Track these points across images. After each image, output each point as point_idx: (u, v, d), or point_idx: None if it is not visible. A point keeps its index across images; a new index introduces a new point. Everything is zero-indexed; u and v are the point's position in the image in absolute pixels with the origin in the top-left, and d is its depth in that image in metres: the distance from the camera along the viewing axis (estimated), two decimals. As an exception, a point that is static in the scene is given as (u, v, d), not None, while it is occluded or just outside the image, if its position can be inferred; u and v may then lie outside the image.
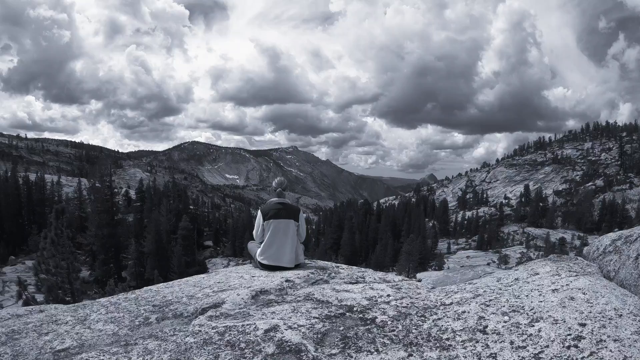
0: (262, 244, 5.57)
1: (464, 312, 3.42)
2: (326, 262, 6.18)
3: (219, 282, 4.73)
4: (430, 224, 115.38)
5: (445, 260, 72.75)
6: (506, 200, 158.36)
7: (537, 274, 4.11)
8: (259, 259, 5.55)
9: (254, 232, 5.81)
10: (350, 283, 4.66)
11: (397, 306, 3.73)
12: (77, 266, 13.95)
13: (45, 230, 14.54)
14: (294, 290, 4.33)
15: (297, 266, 5.61)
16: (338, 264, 5.97)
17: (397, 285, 4.53)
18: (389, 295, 4.03)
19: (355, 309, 3.68)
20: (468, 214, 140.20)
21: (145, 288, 4.68)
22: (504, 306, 3.41)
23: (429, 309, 3.63)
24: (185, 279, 5.22)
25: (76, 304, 4.13)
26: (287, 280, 4.66)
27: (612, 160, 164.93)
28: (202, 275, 5.37)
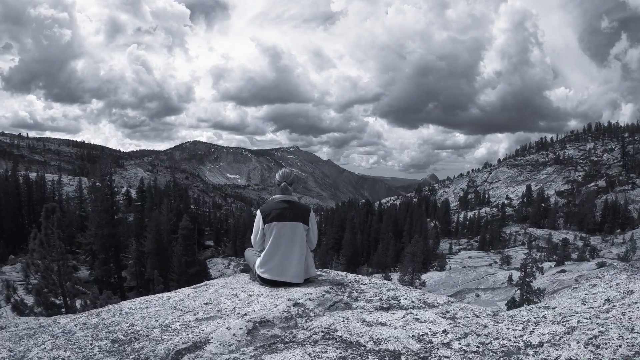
0: (263, 252, 4.43)
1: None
2: (341, 273, 5.05)
3: (206, 304, 3.70)
4: (432, 224, 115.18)
5: (447, 261, 72.37)
6: (508, 201, 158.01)
7: (632, 292, 3.16)
8: (258, 272, 4.41)
9: (252, 237, 4.59)
10: (382, 309, 3.52)
11: (465, 351, 2.53)
12: (69, 268, 13.60)
13: (35, 230, 14.23)
14: (306, 321, 3.14)
15: (306, 281, 4.49)
16: (358, 277, 4.81)
17: (448, 312, 3.36)
18: (445, 332, 2.83)
19: (404, 358, 2.49)
20: (470, 214, 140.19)
21: (114, 308, 3.72)
22: (620, 346, 2.30)
23: (512, 354, 2.45)
24: (167, 294, 4.23)
25: (35, 323, 3.42)
26: (295, 304, 3.56)
27: (614, 161, 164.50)
28: (187, 291, 4.29)
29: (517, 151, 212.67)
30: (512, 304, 30.69)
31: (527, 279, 29.16)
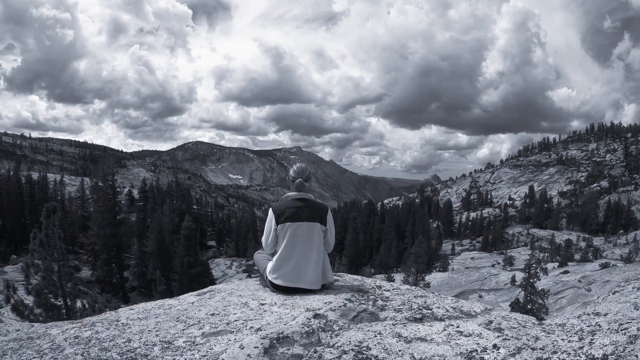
0: (275, 256, 4.04)
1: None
2: (357, 277, 4.70)
3: (212, 314, 3.24)
4: (435, 225, 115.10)
5: (450, 262, 72.26)
6: (510, 202, 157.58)
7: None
8: (270, 278, 4.03)
9: (263, 239, 4.16)
10: (416, 320, 3.09)
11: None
12: (70, 269, 13.46)
13: (35, 230, 14.10)
14: (331, 336, 2.69)
15: (323, 287, 4.12)
16: (378, 282, 4.43)
17: (491, 322, 2.97)
18: (496, 348, 2.44)
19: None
20: (472, 215, 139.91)
21: (109, 318, 3.27)
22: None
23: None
24: (169, 302, 3.82)
25: (25, 333, 2.96)
26: (316, 315, 3.12)
27: (617, 162, 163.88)
28: (191, 299, 3.91)
29: (520, 152, 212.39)
30: (516, 305, 30.58)
31: (531, 280, 29.03)
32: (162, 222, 48.66)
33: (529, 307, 29.90)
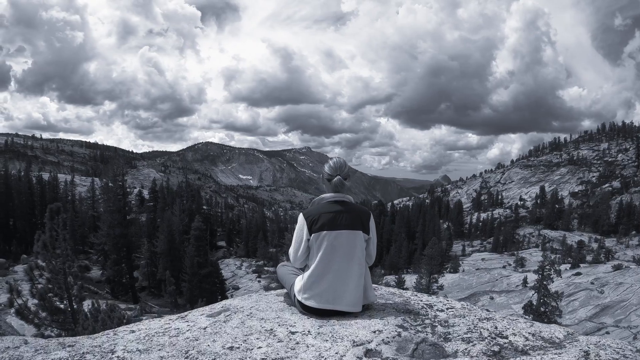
0: (307, 272, 3.30)
1: None
2: (394, 291, 4.18)
3: (231, 348, 2.56)
4: (445, 226, 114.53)
5: (460, 263, 71.84)
6: (521, 202, 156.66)
7: None
8: (300, 298, 3.28)
9: (292, 251, 3.38)
10: (494, 355, 2.50)
11: None
12: (75, 271, 13.31)
13: (39, 232, 13.95)
14: None
15: (364, 308, 3.36)
16: (425, 298, 3.84)
17: (589, 354, 2.39)
18: None
19: None
20: (483, 215, 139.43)
21: (105, 344, 2.63)
22: None
23: None
24: (176, 326, 3.04)
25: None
26: (367, 352, 2.48)
27: (629, 161, 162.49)
28: (203, 322, 3.14)
29: (531, 152, 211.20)
30: (529, 308, 30.29)
31: (545, 282, 28.71)
32: (172, 223, 48.70)
33: (542, 309, 29.64)
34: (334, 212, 3.22)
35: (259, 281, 57.07)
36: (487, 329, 2.92)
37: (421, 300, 3.70)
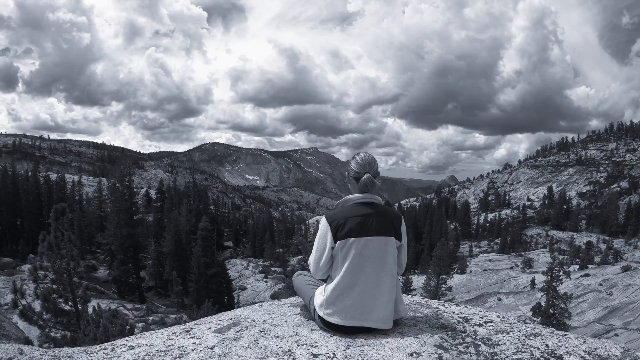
0: (330, 284, 2.85)
1: None
2: (420, 301, 3.72)
3: None
4: (452, 226, 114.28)
5: (468, 264, 71.69)
6: (529, 202, 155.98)
7: None
8: (322, 313, 2.84)
9: (313, 261, 2.93)
10: None
11: None
12: (81, 273, 13.23)
13: (44, 232, 13.87)
14: None
15: (394, 323, 2.93)
16: (458, 310, 3.41)
17: None
18: None
19: None
20: (490, 216, 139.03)
21: (102, 356, 2.40)
22: None
23: None
24: (180, 343, 2.69)
25: None
26: None
27: (637, 161, 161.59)
28: (210, 339, 2.74)
29: (538, 152, 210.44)
30: (537, 310, 30.06)
31: (554, 284, 28.46)
32: (179, 223, 48.72)
33: (551, 311, 29.40)
34: (363, 216, 2.79)
35: (266, 281, 57.01)
36: (538, 348, 2.56)
37: (454, 313, 3.32)
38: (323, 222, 2.84)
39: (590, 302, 40.97)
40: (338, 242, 2.75)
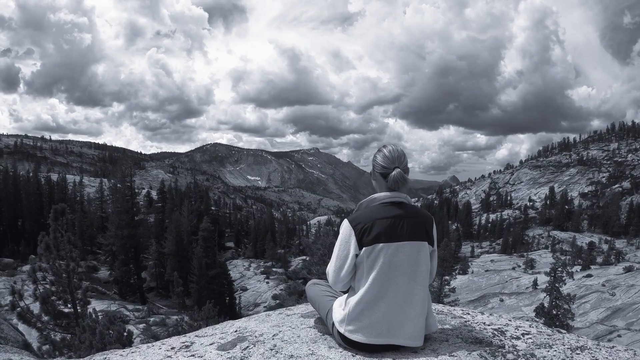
0: (354, 297, 2.44)
1: None
2: (444, 309, 3.38)
3: None
4: (454, 227, 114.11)
5: (470, 264, 71.46)
6: (531, 203, 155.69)
7: None
8: (344, 330, 2.43)
9: (332, 270, 2.50)
10: None
11: None
12: (81, 274, 13.15)
13: (43, 233, 13.78)
14: None
15: (424, 339, 2.55)
16: (490, 321, 3.00)
17: None
18: None
19: None
20: (492, 216, 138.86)
21: None
22: None
23: None
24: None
25: None
26: None
27: (639, 162, 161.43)
28: (214, 355, 2.37)
29: (540, 152, 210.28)
30: (540, 311, 29.92)
31: (557, 284, 28.30)
32: (181, 223, 48.64)
33: (554, 312, 29.26)
34: (392, 218, 2.39)
35: (267, 282, 56.86)
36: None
37: (484, 323, 2.94)
38: (345, 225, 2.43)
39: (593, 303, 40.81)
40: (364, 248, 2.36)
